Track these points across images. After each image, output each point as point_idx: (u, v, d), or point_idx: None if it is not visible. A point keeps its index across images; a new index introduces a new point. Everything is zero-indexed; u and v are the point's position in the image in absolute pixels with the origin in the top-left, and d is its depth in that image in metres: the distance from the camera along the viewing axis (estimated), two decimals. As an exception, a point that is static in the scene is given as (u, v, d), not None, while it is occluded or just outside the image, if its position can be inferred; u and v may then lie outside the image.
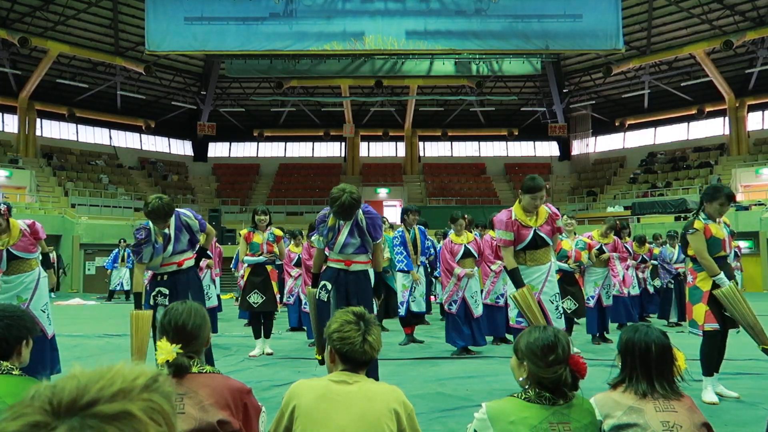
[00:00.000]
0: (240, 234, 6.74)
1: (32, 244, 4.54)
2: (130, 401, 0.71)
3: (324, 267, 4.29)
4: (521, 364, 2.00)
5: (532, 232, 4.24)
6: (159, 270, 4.34)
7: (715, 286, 4.22)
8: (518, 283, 4.17)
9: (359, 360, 1.99)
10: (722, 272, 4.22)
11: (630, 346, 2.09)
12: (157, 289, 4.27)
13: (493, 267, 7.12)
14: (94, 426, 0.67)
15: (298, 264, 8.17)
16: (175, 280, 4.30)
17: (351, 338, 1.98)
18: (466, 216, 6.71)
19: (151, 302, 4.22)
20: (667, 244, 9.18)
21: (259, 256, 6.51)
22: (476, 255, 6.61)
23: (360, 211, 4.11)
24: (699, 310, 4.29)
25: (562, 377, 1.90)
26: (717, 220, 4.37)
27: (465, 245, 6.49)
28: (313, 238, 4.44)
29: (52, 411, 0.68)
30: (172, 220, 4.29)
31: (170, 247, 4.28)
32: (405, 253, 7.33)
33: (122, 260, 15.50)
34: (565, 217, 7.46)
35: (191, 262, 4.46)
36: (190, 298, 4.08)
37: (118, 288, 15.64)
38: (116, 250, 15.80)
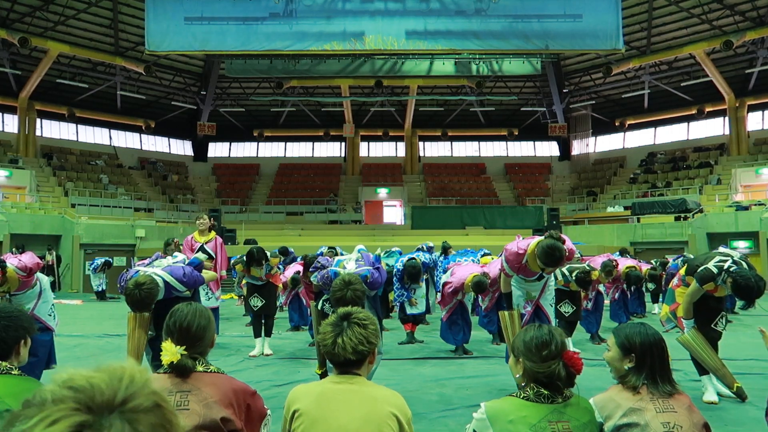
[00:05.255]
0: (237, 270, 6.97)
1: (30, 280, 4.60)
2: (153, 394, 0.75)
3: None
4: (518, 361, 2.03)
5: (537, 274, 4.42)
6: None
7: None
8: (508, 306, 4.47)
9: (335, 361, 1.99)
10: (693, 319, 4.33)
11: (647, 346, 2.10)
12: None
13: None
14: (139, 420, 0.71)
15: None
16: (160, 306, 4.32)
17: (325, 339, 1.99)
18: None
19: None
20: (680, 258, 9.37)
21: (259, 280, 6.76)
22: None
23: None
24: (665, 311, 4.40)
25: (556, 371, 1.91)
26: None
27: None
28: (312, 277, 4.55)
29: (91, 409, 0.70)
30: (161, 292, 4.19)
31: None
32: (402, 288, 7.50)
33: (101, 271, 15.47)
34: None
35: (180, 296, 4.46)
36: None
37: (99, 289, 15.49)
38: (102, 259, 15.52)
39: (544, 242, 4.04)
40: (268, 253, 6.82)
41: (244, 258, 6.71)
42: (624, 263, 8.71)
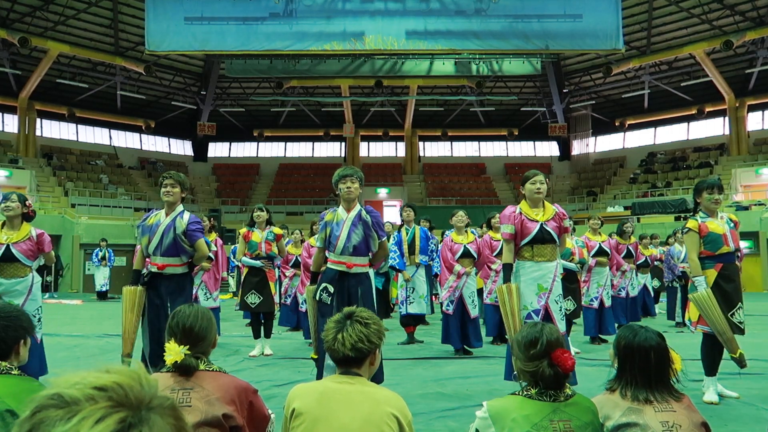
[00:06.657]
0: (239, 233, 6.77)
1: (33, 251, 4.52)
2: (166, 396, 0.80)
3: (324, 267, 4.29)
4: (515, 360, 2.06)
5: (538, 226, 4.22)
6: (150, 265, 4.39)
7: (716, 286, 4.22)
8: (506, 278, 4.22)
9: (335, 357, 2.00)
10: (704, 276, 4.23)
11: (629, 351, 2.08)
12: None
13: (494, 266, 7.14)
14: (165, 415, 0.76)
15: (295, 265, 8.28)
16: (155, 284, 4.28)
17: (328, 337, 2.01)
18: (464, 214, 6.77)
19: None
20: (675, 243, 9.17)
21: (256, 256, 6.52)
22: (475, 256, 6.63)
23: (362, 209, 4.22)
24: (694, 309, 4.31)
25: (540, 370, 1.92)
26: (719, 215, 4.38)
27: (465, 245, 6.54)
28: (315, 237, 4.50)
29: (127, 407, 0.73)
30: (173, 215, 4.29)
31: (155, 239, 4.25)
32: (399, 252, 7.44)
33: (103, 259, 15.36)
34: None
35: (176, 270, 4.32)
36: (168, 305, 4.14)
37: (103, 289, 15.43)
38: (97, 249, 15.71)
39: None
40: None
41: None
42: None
